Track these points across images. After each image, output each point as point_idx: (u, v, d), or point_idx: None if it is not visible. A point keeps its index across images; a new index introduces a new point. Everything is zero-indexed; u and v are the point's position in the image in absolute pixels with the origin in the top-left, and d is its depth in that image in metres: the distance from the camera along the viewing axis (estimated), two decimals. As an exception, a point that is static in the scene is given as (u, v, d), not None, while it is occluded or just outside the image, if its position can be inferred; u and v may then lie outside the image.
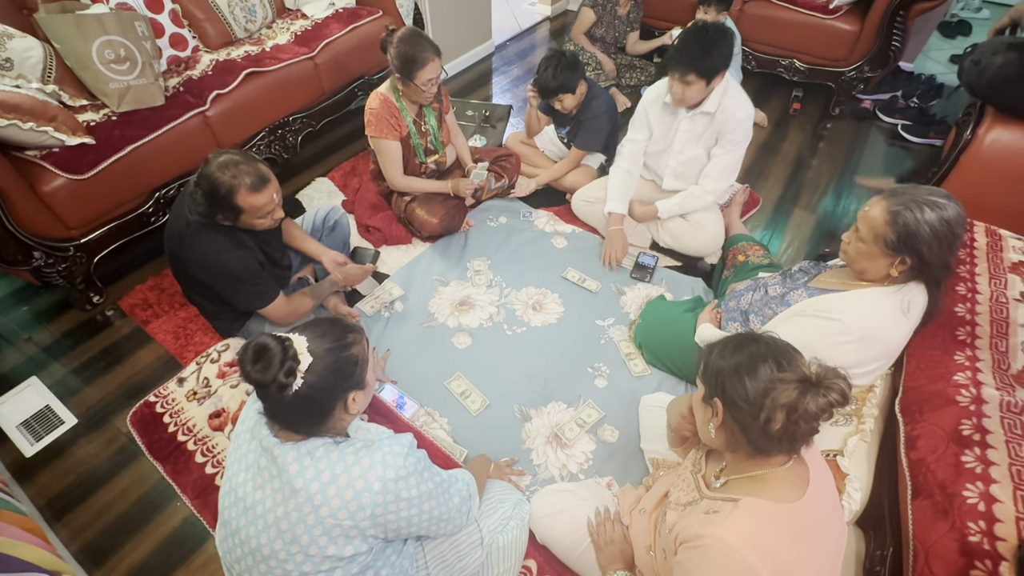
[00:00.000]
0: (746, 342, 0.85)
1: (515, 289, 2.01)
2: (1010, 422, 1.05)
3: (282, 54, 2.25)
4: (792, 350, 0.84)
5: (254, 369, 0.80)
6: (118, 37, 1.83)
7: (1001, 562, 0.88)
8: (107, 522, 1.46)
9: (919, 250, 1.09)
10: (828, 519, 0.83)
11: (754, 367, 0.81)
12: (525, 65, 3.40)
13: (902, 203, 1.09)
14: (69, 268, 1.83)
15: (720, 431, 0.86)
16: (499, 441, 1.57)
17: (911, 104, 2.88)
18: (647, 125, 1.97)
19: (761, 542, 0.76)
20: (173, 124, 1.93)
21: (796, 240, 2.24)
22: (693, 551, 0.82)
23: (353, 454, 0.86)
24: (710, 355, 0.88)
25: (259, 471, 0.88)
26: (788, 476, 0.82)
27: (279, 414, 0.87)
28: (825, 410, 0.76)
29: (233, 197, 1.33)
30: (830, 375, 0.77)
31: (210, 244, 1.41)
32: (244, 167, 1.33)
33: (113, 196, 1.85)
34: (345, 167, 2.53)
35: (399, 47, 1.78)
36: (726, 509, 0.82)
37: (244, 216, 1.39)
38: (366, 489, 0.84)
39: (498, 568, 1.20)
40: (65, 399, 1.71)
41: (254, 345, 0.81)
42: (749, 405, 0.80)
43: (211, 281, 1.48)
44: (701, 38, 1.65)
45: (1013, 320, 1.26)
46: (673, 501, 0.99)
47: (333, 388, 0.86)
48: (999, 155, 1.65)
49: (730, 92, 1.78)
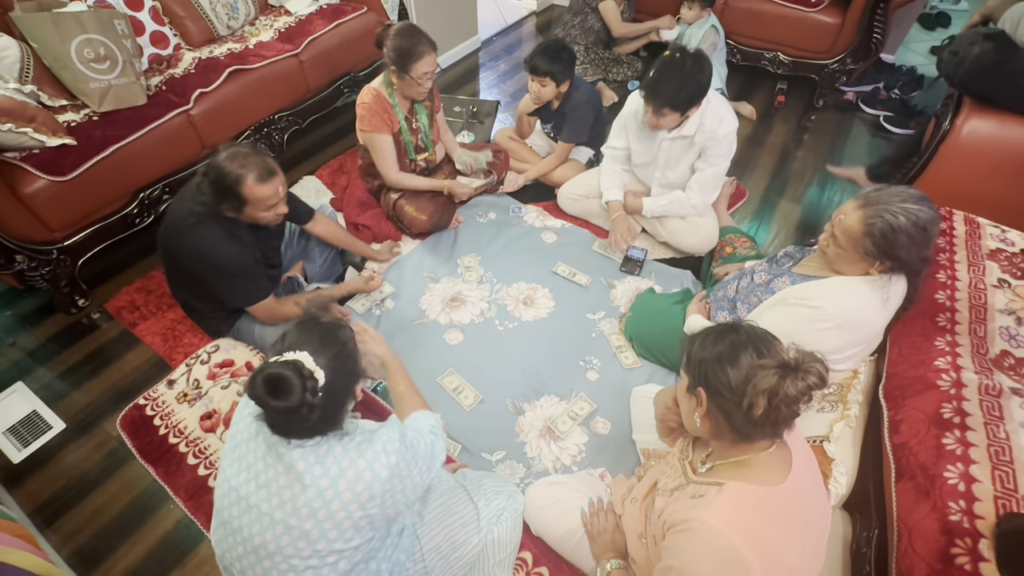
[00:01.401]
0: (726, 332, 0.86)
1: (506, 284, 2.01)
2: (988, 405, 1.08)
3: (266, 51, 2.23)
4: (771, 337, 0.85)
5: (277, 400, 0.79)
6: (97, 35, 1.80)
7: (980, 539, 0.91)
8: (99, 526, 1.45)
9: (897, 255, 1.14)
10: (812, 501, 0.86)
11: (735, 356, 0.82)
12: (512, 60, 3.40)
13: (876, 213, 1.13)
14: (53, 271, 1.80)
15: (705, 419, 0.87)
16: (492, 435, 1.58)
17: (893, 95, 2.92)
18: (626, 135, 1.99)
19: (745, 525, 0.78)
20: (156, 124, 1.90)
21: (782, 231, 2.27)
22: (679, 534, 0.84)
23: (356, 448, 0.90)
24: (692, 346, 0.89)
25: (264, 469, 0.89)
26: (772, 460, 0.84)
27: (302, 432, 0.87)
28: (804, 393, 0.78)
29: (239, 187, 1.34)
30: (808, 359, 0.79)
31: (210, 235, 1.41)
32: (252, 159, 1.36)
33: (96, 198, 1.82)
34: (333, 165, 2.51)
35: (395, 40, 1.78)
36: (711, 493, 0.84)
37: (248, 208, 1.39)
38: (375, 479, 0.88)
39: (493, 559, 1.21)
40: (52, 404, 1.69)
41: (264, 379, 0.80)
42: (732, 393, 0.82)
43: (205, 273, 1.47)
44: (678, 71, 1.62)
45: (991, 306, 1.29)
46: (661, 487, 1.01)
47: (345, 388, 0.92)
48: (976, 145, 1.69)
49: (710, 111, 1.75)
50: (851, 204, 1.18)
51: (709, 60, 1.68)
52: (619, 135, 2.01)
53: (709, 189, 1.90)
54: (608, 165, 2.08)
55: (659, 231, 2.11)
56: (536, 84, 2.12)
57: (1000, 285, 1.34)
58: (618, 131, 2.02)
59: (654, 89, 1.67)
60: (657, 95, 1.67)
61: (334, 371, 0.87)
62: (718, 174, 1.87)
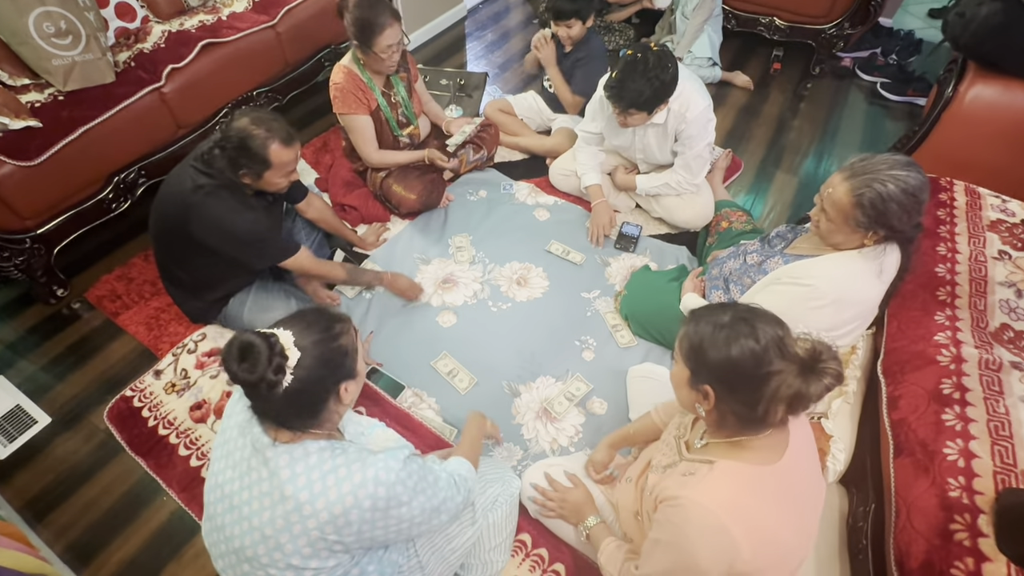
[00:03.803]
0: (738, 326, 0.79)
1: (499, 264, 1.97)
2: (988, 379, 1.07)
3: (240, 23, 2.11)
4: (783, 328, 0.80)
5: (240, 368, 0.77)
6: (56, 8, 1.68)
7: (979, 515, 0.91)
8: (92, 519, 1.43)
9: (890, 224, 1.11)
10: (806, 480, 0.85)
11: (755, 360, 0.77)
12: (499, 30, 3.27)
13: (864, 183, 1.09)
14: (27, 261, 1.73)
15: (710, 413, 0.85)
16: (489, 418, 1.56)
17: (890, 61, 2.85)
18: (601, 119, 1.93)
19: (734, 502, 0.77)
20: (126, 103, 1.80)
21: (778, 204, 2.23)
22: (669, 510, 0.83)
23: (346, 466, 0.83)
24: (700, 342, 0.82)
25: (248, 471, 0.85)
26: (768, 441, 0.83)
27: (270, 412, 0.84)
28: (822, 395, 0.75)
29: (266, 150, 1.35)
30: (823, 354, 0.76)
31: (225, 204, 1.41)
32: (276, 123, 1.38)
33: (68, 183, 1.74)
34: (316, 143, 2.42)
35: (355, 12, 1.69)
36: (702, 471, 0.83)
37: (269, 173, 1.39)
38: (355, 506, 0.82)
39: (489, 544, 1.21)
40: (36, 398, 1.65)
41: (238, 344, 0.78)
42: (748, 401, 0.79)
43: (222, 245, 1.45)
44: (640, 72, 1.57)
45: (991, 278, 1.28)
46: (655, 464, 1.00)
47: (324, 381, 0.84)
48: (981, 111, 1.65)
49: (680, 97, 1.70)
50: (838, 176, 1.14)
51: (673, 57, 1.62)
52: (593, 118, 1.96)
53: (695, 169, 1.86)
54: (583, 148, 2.02)
55: (653, 207, 2.07)
56: (563, 28, 2.06)
57: (1000, 257, 1.32)
58: (592, 114, 1.96)
59: (618, 91, 1.62)
60: (621, 97, 1.63)
61: (314, 357, 0.81)
62: (699, 154, 1.83)
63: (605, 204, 2.02)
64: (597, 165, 2.05)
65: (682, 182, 1.89)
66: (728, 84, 2.79)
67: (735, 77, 2.78)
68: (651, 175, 1.99)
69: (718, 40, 2.74)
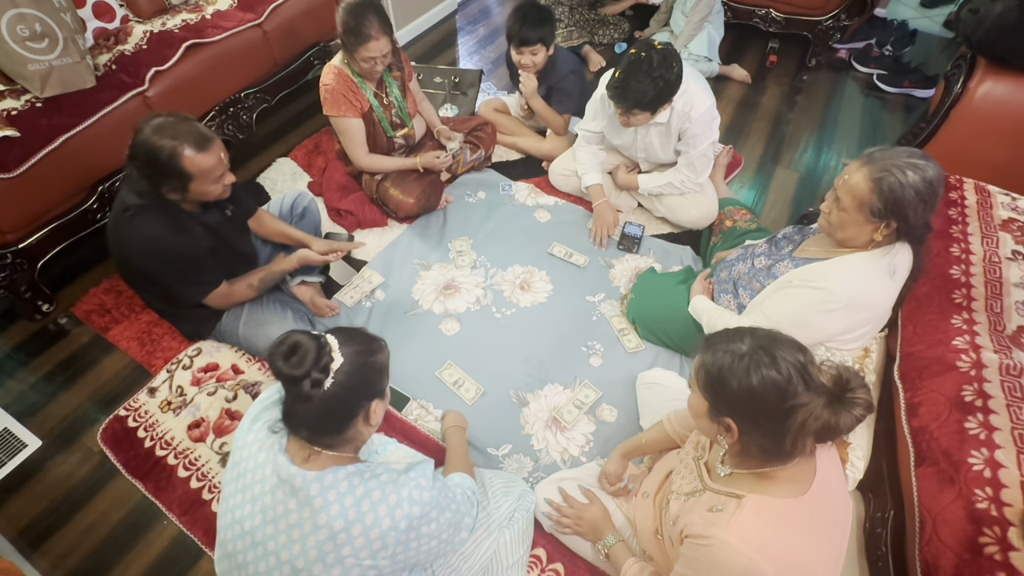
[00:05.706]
0: (760, 360, 0.75)
1: (500, 269, 1.93)
2: (1010, 385, 1.06)
3: (225, 22, 2.02)
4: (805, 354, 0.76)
5: (287, 364, 0.78)
6: (30, 10, 1.59)
7: (1009, 528, 0.90)
8: (91, 546, 1.37)
9: (905, 214, 1.09)
10: (835, 504, 0.83)
11: (778, 392, 0.73)
12: (491, 24, 3.19)
13: (884, 168, 1.08)
14: (9, 276, 1.66)
15: (733, 445, 0.82)
16: (497, 429, 1.53)
17: (885, 52, 2.83)
18: (601, 119, 1.89)
19: (766, 542, 0.75)
20: (109, 108, 1.72)
21: (780, 200, 2.21)
22: (699, 548, 0.81)
23: (379, 489, 0.83)
24: (718, 373, 0.78)
25: (273, 504, 0.82)
26: (795, 471, 0.80)
27: (302, 419, 0.83)
28: (853, 426, 0.73)
29: (178, 161, 1.20)
30: (852, 382, 0.72)
31: (150, 228, 1.27)
32: (183, 127, 1.21)
33: (50, 194, 1.66)
34: (307, 145, 2.35)
35: (343, 15, 1.63)
36: (730, 507, 0.80)
37: (194, 184, 1.25)
38: (392, 528, 0.82)
39: (507, 562, 1.18)
40: (24, 419, 1.58)
41: (288, 343, 0.80)
42: (773, 431, 0.76)
43: (153, 270, 1.34)
44: (645, 71, 1.52)
45: (1006, 280, 1.27)
46: (676, 490, 0.98)
47: (359, 393, 0.85)
48: (991, 108, 1.63)
49: (684, 95, 1.66)
50: (855, 164, 1.13)
51: (678, 56, 1.58)
52: (594, 117, 1.91)
53: (699, 168, 1.83)
54: (583, 147, 1.98)
55: (656, 207, 2.04)
56: (527, 56, 1.99)
57: (1015, 257, 1.31)
58: (593, 113, 1.91)
59: (621, 91, 1.58)
60: (625, 98, 1.58)
61: (355, 366, 0.83)
62: (703, 153, 1.79)
63: (608, 204, 1.99)
64: (598, 164, 2.01)
65: (686, 181, 1.86)
66: (725, 78, 2.76)
67: (732, 71, 2.75)
68: (654, 174, 1.96)
69: (718, 36, 2.71)
